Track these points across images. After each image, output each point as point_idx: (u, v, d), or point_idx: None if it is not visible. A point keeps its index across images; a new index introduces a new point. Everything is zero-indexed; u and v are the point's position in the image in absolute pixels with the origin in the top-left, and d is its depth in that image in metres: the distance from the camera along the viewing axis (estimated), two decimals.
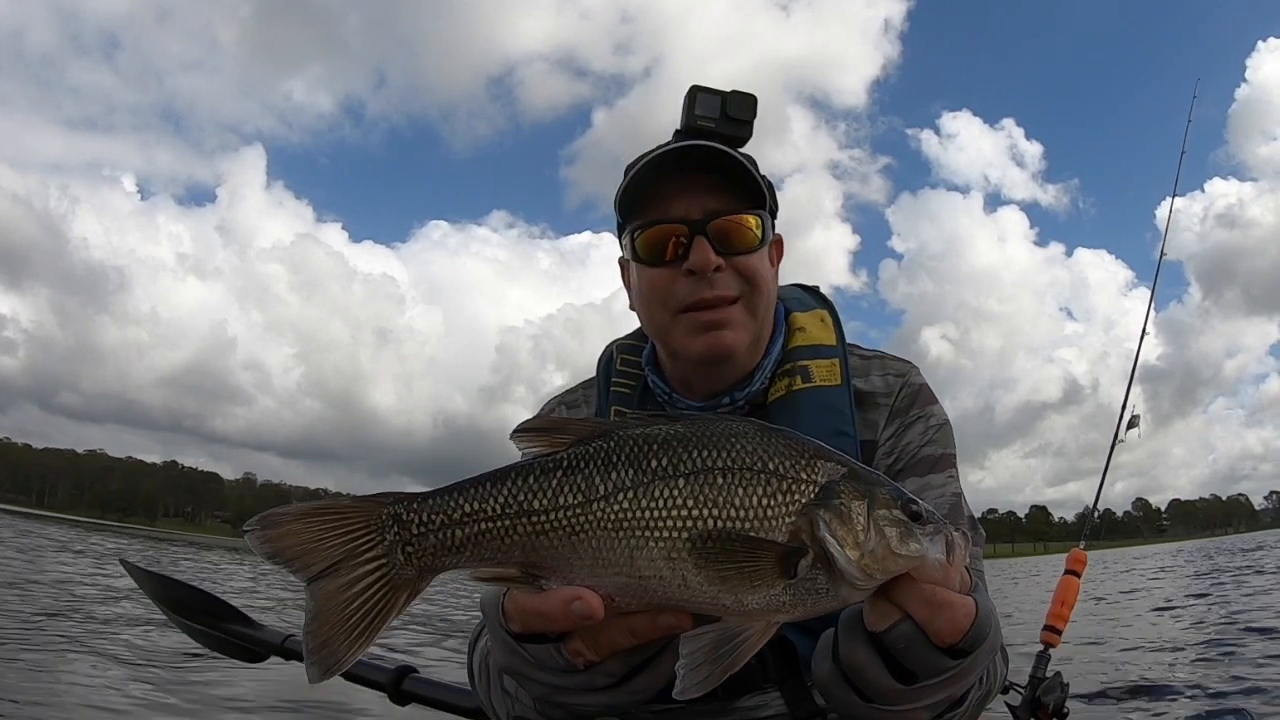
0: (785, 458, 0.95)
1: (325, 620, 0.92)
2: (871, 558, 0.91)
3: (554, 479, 0.93)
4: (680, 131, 1.55)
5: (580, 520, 0.92)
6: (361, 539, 0.93)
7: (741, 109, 1.54)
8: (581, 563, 0.92)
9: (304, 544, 0.92)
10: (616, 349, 1.72)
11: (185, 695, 6.30)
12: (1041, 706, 2.55)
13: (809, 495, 0.93)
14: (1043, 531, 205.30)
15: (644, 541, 0.91)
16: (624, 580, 0.91)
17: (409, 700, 2.12)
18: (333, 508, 0.94)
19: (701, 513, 0.91)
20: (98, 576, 16.32)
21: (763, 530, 0.91)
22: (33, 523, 60.46)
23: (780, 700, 1.45)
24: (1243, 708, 5.69)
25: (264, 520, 0.93)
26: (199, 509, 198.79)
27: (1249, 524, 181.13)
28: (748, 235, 1.47)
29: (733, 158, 1.44)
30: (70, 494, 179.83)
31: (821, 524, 0.91)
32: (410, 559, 0.93)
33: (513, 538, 0.93)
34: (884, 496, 0.95)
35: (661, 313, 1.50)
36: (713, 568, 0.90)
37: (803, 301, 1.70)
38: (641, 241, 1.49)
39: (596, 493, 0.92)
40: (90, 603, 11.42)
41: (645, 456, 0.94)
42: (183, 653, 7.30)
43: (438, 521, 0.93)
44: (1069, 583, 2.90)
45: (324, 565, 0.92)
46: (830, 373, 1.55)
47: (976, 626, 0.99)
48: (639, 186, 1.47)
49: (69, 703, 5.61)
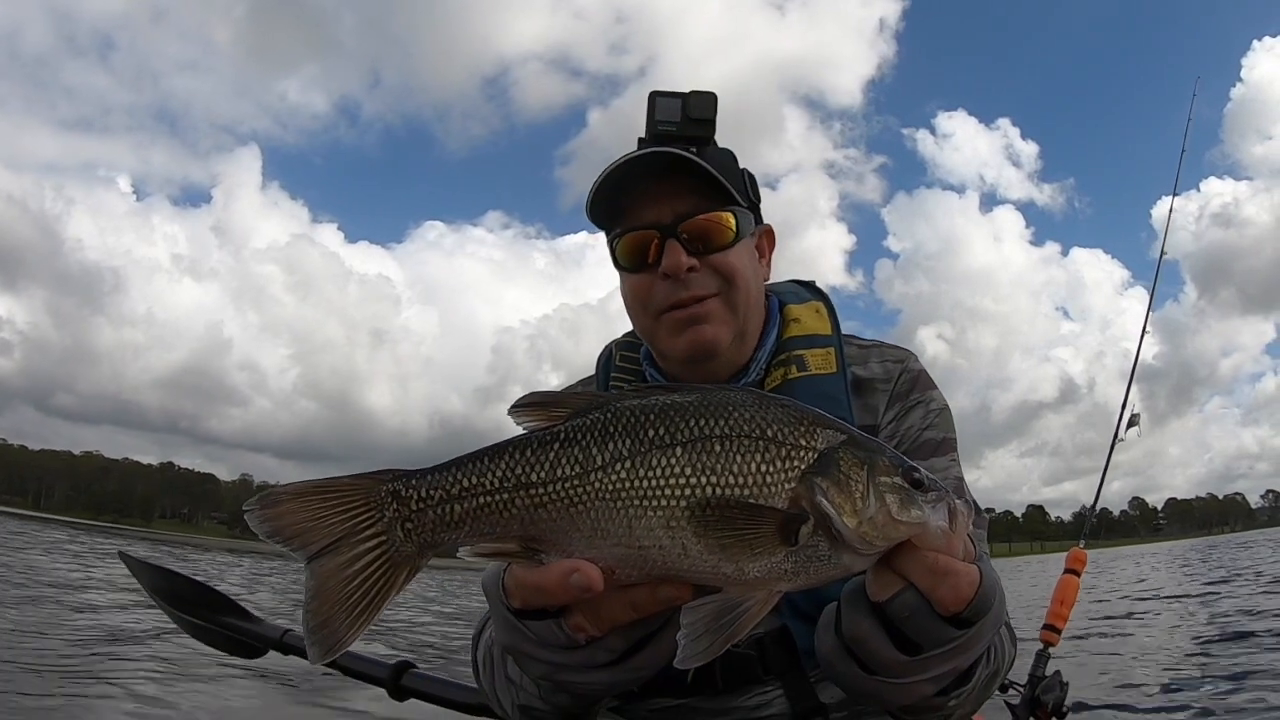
0: (784, 425, 0.94)
1: (325, 599, 0.91)
2: (871, 525, 0.90)
3: (551, 451, 0.93)
4: (644, 139, 1.56)
5: (578, 491, 0.91)
6: (361, 516, 0.93)
7: (701, 109, 1.54)
8: (581, 534, 0.91)
9: (303, 522, 0.92)
10: (615, 347, 1.74)
11: (183, 692, 6.30)
12: (1040, 705, 2.56)
13: (808, 462, 0.92)
14: (1040, 531, 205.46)
15: (643, 511, 0.90)
16: (624, 551, 0.91)
17: (408, 695, 2.12)
18: (332, 485, 0.93)
19: (700, 480, 0.90)
20: (95, 575, 16.30)
21: (762, 497, 0.90)
22: (28, 524, 60.29)
23: (782, 699, 1.45)
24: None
25: (263, 499, 0.93)
26: (196, 510, 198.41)
27: (1245, 523, 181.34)
28: (721, 232, 1.49)
29: (693, 161, 1.45)
30: (67, 495, 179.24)
31: (819, 491, 0.90)
32: (410, 535, 0.93)
33: (511, 511, 0.92)
34: (885, 463, 0.93)
35: (644, 316, 1.54)
36: (712, 536, 0.89)
37: (798, 294, 1.71)
38: (620, 249, 1.53)
39: (594, 463, 0.91)
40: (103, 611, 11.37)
41: (642, 426, 0.93)
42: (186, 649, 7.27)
43: (436, 497, 0.93)
44: (1069, 582, 2.91)
45: (324, 543, 0.92)
46: (825, 361, 1.57)
47: (981, 595, 0.97)
48: (605, 198, 1.50)
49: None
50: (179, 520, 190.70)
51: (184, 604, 2.40)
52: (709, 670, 1.43)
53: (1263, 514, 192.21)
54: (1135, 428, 3.44)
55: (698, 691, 1.46)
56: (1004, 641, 1.26)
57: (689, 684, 1.44)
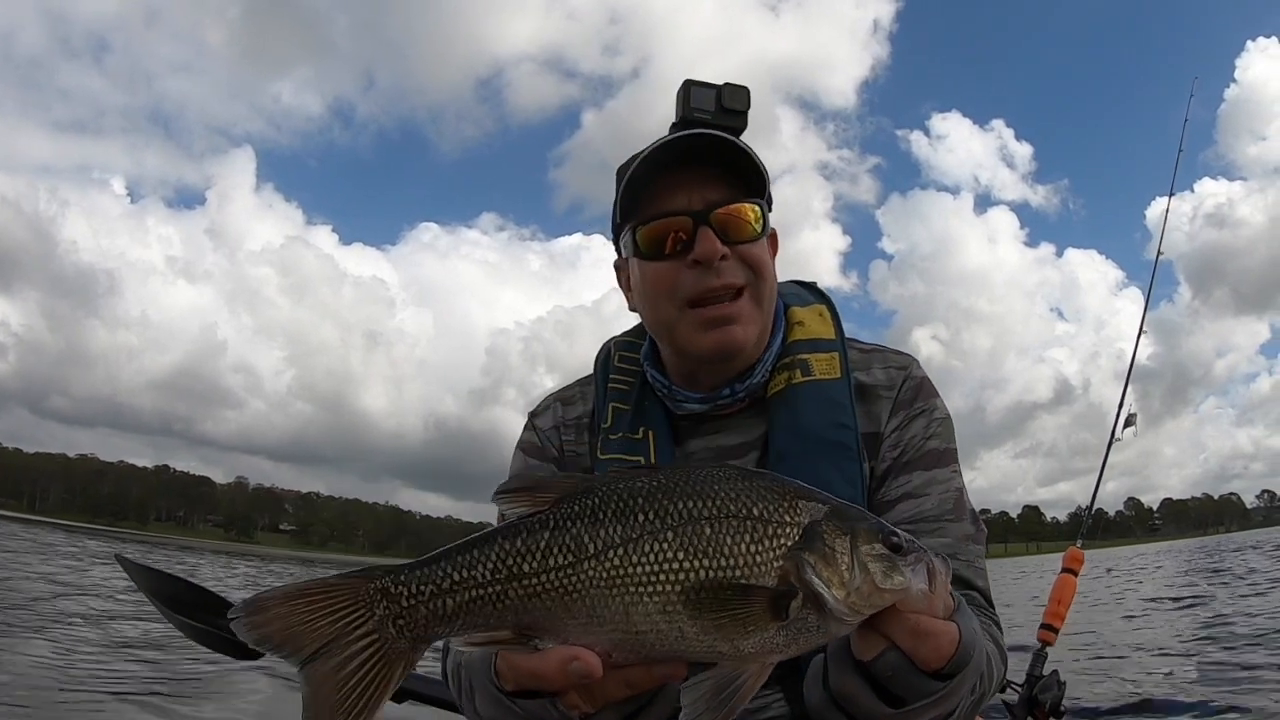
0: (768, 502, 0.95)
1: (323, 704, 0.89)
2: (858, 595, 0.93)
3: (542, 540, 0.92)
4: (676, 125, 1.54)
5: (572, 580, 0.91)
6: (350, 616, 0.91)
7: (736, 100, 1.54)
8: (576, 622, 0.91)
9: (292, 627, 0.90)
10: (614, 346, 1.72)
11: (181, 692, 6.30)
12: (1038, 705, 2.56)
13: (794, 538, 0.94)
14: (1035, 531, 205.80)
15: (639, 597, 0.90)
16: (620, 636, 0.91)
17: (406, 697, 2.12)
18: (318, 587, 0.91)
19: (693, 564, 0.91)
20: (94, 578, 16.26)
21: (753, 576, 0.92)
22: (20, 526, 60.12)
23: (781, 701, 1.45)
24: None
25: (249, 606, 0.90)
26: (191, 513, 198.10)
27: (1241, 523, 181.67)
28: (748, 225, 1.47)
29: (737, 146, 1.45)
30: (62, 498, 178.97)
31: (807, 567, 0.92)
32: (402, 632, 0.92)
33: (505, 602, 0.91)
34: (865, 532, 0.95)
35: (668, 307, 1.48)
36: (708, 617, 0.90)
37: (801, 297, 1.70)
38: (643, 236, 1.48)
39: (586, 551, 0.92)
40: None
41: (631, 511, 0.93)
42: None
43: (427, 592, 0.92)
44: (1066, 581, 2.91)
45: (315, 647, 0.90)
46: (830, 366, 1.55)
47: (960, 651, 1.01)
48: (642, 182, 1.46)
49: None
50: (174, 523, 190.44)
51: (182, 607, 2.38)
52: None
53: (1258, 514, 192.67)
54: (1132, 428, 3.44)
55: None
56: (993, 664, 1.27)
57: None
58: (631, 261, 1.54)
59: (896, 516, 1.46)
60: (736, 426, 1.56)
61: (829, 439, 1.48)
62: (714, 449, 1.56)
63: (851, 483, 1.45)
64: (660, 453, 1.54)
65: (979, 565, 1.50)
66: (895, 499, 1.49)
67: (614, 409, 1.60)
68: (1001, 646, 1.39)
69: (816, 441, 1.48)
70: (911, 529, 1.41)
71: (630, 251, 1.52)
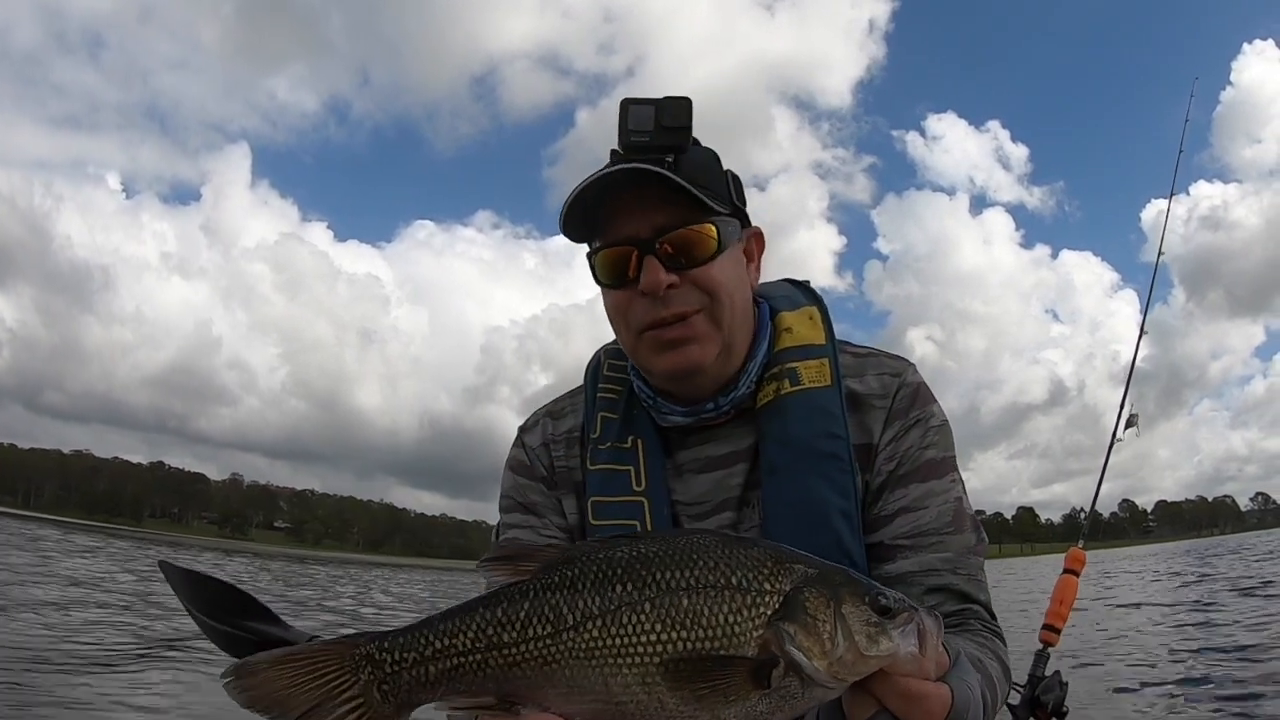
0: (748, 570, 0.95)
1: None
2: (840, 665, 0.92)
3: (522, 610, 0.95)
4: (616, 150, 1.47)
5: (551, 650, 0.93)
6: (336, 681, 0.94)
7: (675, 116, 1.44)
8: (557, 691, 0.93)
9: (281, 690, 0.93)
10: (605, 355, 1.68)
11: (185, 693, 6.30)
12: (1040, 705, 2.55)
13: (773, 607, 0.94)
14: (1030, 533, 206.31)
15: (617, 668, 0.92)
16: (600, 706, 0.92)
17: None
18: (306, 653, 0.95)
19: (670, 636, 0.92)
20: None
21: (732, 647, 0.92)
22: (17, 522, 60.07)
23: None
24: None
25: (239, 669, 0.94)
26: (186, 510, 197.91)
27: (1235, 525, 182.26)
28: (703, 244, 1.42)
29: (664, 176, 1.38)
30: (57, 495, 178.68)
31: (786, 638, 0.92)
32: (387, 697, 0.95)
33: (486, 670, 0.94)
34: (850, 597, 0.95)
35: (625, 333, 1.48)
36: (687, 688, 0.91)
37: (791, 299, 1.64)
38: (599, 265, 1.46)
39: (565, 622, 0.93)
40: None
41: (610, 581, 0.95)
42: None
43: (410, 659, 0.95)
44: (1068, 582, 2.89)
45: (301, 710, 0.93)
46: (820, 373, 1.50)
47: (953, 714, 1.00)
48: (580, 213, 1.43)
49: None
50: (169, 520, 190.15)
51: (218, 611, 2.39)
52: None
53: (1252, 516, 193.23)
54: (1133, 428, 3.43)
55: None
56: (995, 686, 1.26)
57: None
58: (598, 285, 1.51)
59: (894, 531, 1.42)
60: (725, 436, 1.51)
61: (820, 450, 1.44)
62: (702, 459, 1.51)
63: (844, 495, 1.41)
64: (649, 462, 1.51)
65: (980, 578, 1.46)
66: (892, 513, 1.44)
67: (603, 418, 1.57)
68: (1004, 662, 1.37)
69: (807, 452, 1.44)
70: (910, 543, 1.41)
71: (593, 277, 1.50)
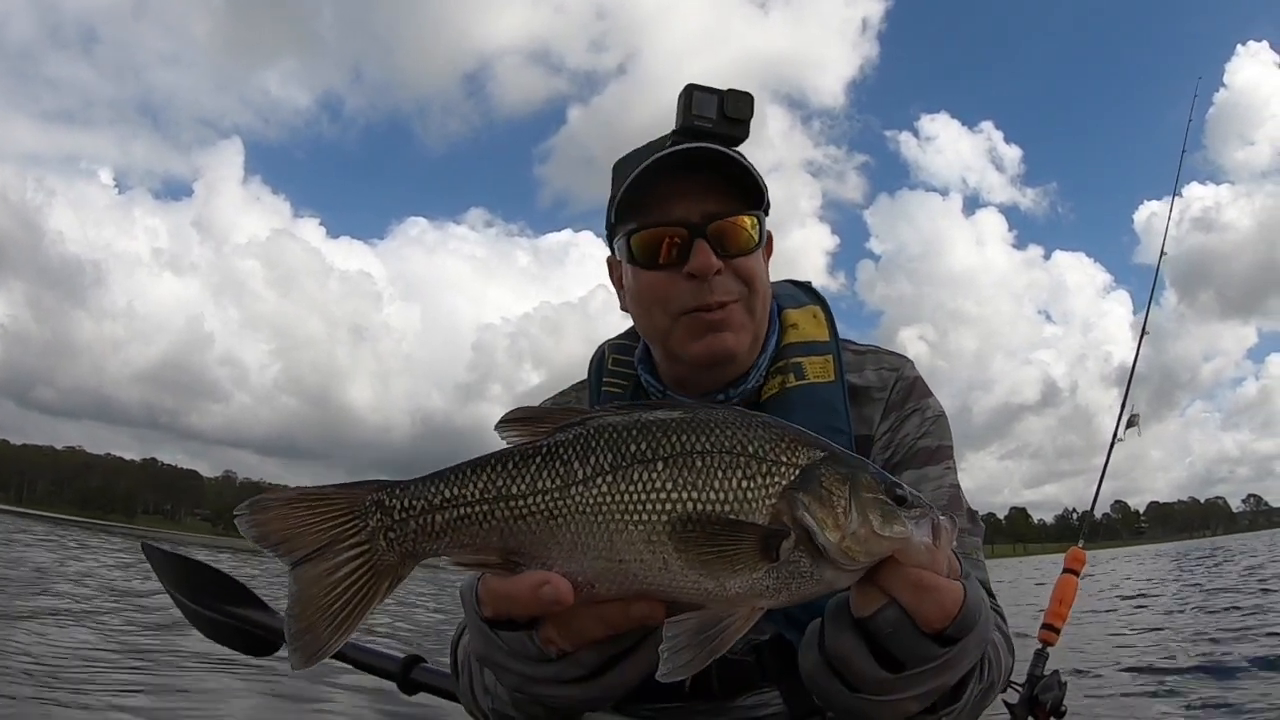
0: (765, 442, 0.94)
1: (308, 605, 0.92)
2: (854, 539, 0.90)
3: (533, 464, 0.93)
4: (676, 131, 1.51)
5: (558, 504, 0.91)
6: (345, 524, 0.94)
7: (739, 108, 1.50)
8: (560, 547, 0.91)
9: (290, 529, 0.93)
10: (609, 349, 1.70)
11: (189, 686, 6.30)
12: (1039, 705, 2.55)
13: (789, 478, 0.92)
14: (1023, 533, 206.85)
15: (623, 525, 0.90)
16: (604, 565, 0.90)
17: (418, 689, 2.12)
18: (319, 494, 0.95)
19: (680, 495, 0.90)
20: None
21: (743, 513, 0.90)
22: (9, 518, 59.91)
23: (779, 700, 1.44)
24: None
25: (253, 505, 0.94)
26: (178, 506, 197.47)
27: (1227, 527, 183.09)
28: (745, 237, 1.45)
29: (734, 159, 1.43)
30: (49, 491, 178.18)
31: (801, 505, 0.90)
32: (392, 545, 0.94)
33: (491, 522, 0.92)
34: (867, 480, 0.93)
35: (662, 316, 1.48)
36: (693, 551, 0.89)
37: (795, 298, 1.68)
38: (638, 243, 1.46)
39: (575, 477, 0.92)
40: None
41: (624, 441, 0.93)
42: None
43: (418, 507, 0.93)
44: (1068, 581, 2.90)
45: (309, 550, 0.93)
46: (824, 369, 1.54)
47: (964, 612, 0.96)
48: (639, 189, 1.44)
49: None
50: (161, 516, 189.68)
51: (203, 596, 2.38)
52: (706, 677, 1.43)
53: (1244, 518, 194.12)
54: (1134, 427, 3.43)
55: (695, 696, 1.45)
56: (999, 652, 1.24)
57: (687, 691, 1.44)
58: (625, 266, 1.53)
59: None
60: None
61: None
62: None
63: None
64: None
65: (977, 559, 1.49)
66: None
67: None
68: (1008, 637, 1.37)
69: None
70: None
71: (624, 256, 1.51)
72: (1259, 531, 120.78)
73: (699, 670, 0.89)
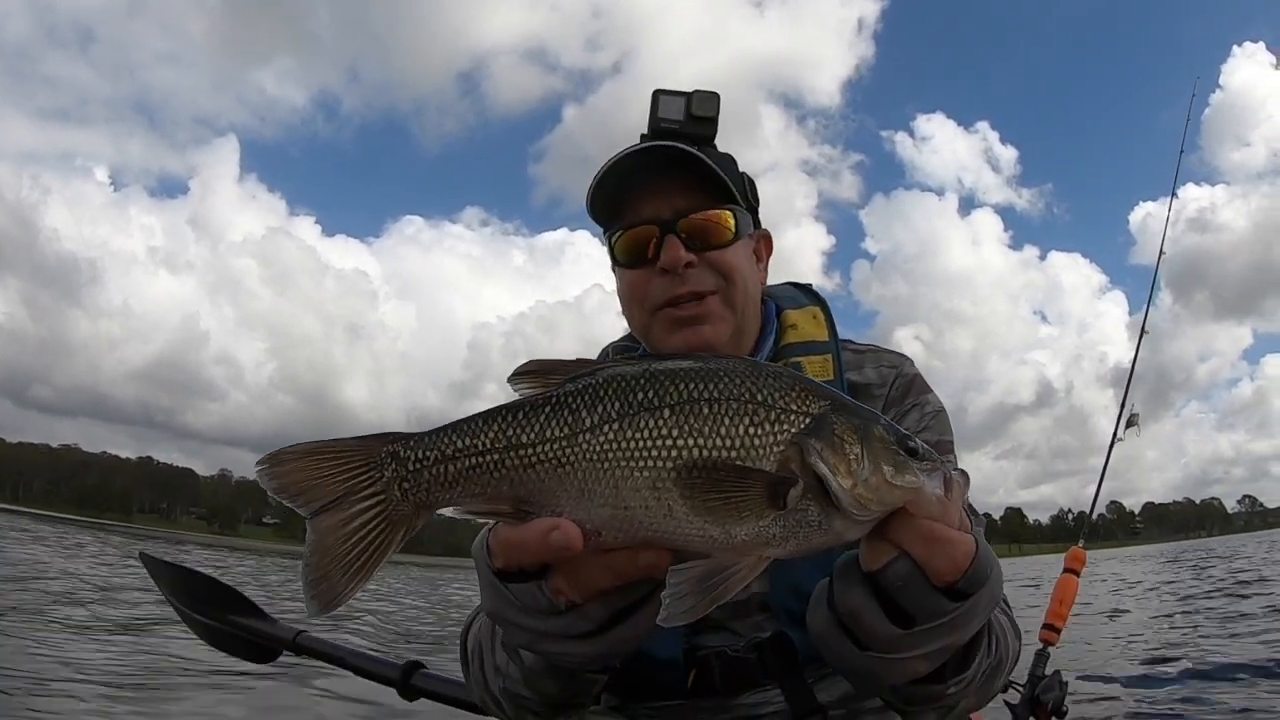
0: (775, 390, 0.93)
1: (325, 554, 0.94)
2: (866, 487, 0.89)
3: (542, 414, 0.94)
4: (646, 135, 1.56)
5: (566, 452, 0.92)
6: (361, 475, 0.95)
7: (705, 107, 1.56)
8: (568, 495, 0.92)
9: (307, 480, 0.95)
10: (613, 349, 1.75)
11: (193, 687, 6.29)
12: (1040, 705, 2.56)
13: (799, 425, 0.91)
14: (1018, 533, 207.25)
15: (629, 472, 0.90)
16: (610, 512, 0.91)
17: (418, 695, 2.13)
18: (335, 446, 0.96)
19: (687, 442, 0.90)
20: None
21: (750, 460, 0.90)
22: (6, 517, 59.83)
23: (780, 698, 1.44)
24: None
25: (272, 458, 0.96)
26: (174, 505, 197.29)
27: (1222, 527, 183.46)
28: (720, 230, 1.50)
29: (695, 157, 1.46)
30: (45, 489, 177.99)
31: (813, 451, 0.89)
32: (407, 495, 0.95)
33: (502, 471, 0.93)
34: (879, 430, 0.93)
35: (640, 312, 1.54)
36: (699, 498, 0.89)
37: (795, 299, 1.72)
38: (619, 245, 1.53)
39: (583, 425, 0.92)
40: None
41: (632, 390, 0.94)
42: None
43: (432, 457, 0.95)
44: (1068, 581, 2.91)
45: (325, 500, 0.95)
46: (823, 368, 1.56)
47: (976, 566, 0.94)
48: (607, 193, 1.51)
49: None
50: (158, 515, 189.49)
51: (201, 605, 2.39)
52: (708, 674, 1.45)
53: (1239, 519, 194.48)
54: (1135, 427, 3.43)
55: (697, 694, 1.46)
56: (1006, 634, 1.23)
57: (689, 687, 1.44)
58: (614, 268, 1.58)
59: None
60: None
61: None
62: None
63: None
64: None
65: (978, 532, 1.48)
66: None
67: None
68: (1015, 623, 1.35)
69: None
70: None
71: (610, 258, 1.57)
72: (1255, 533, 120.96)
73: (700, 617, 0.89)
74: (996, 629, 1.15)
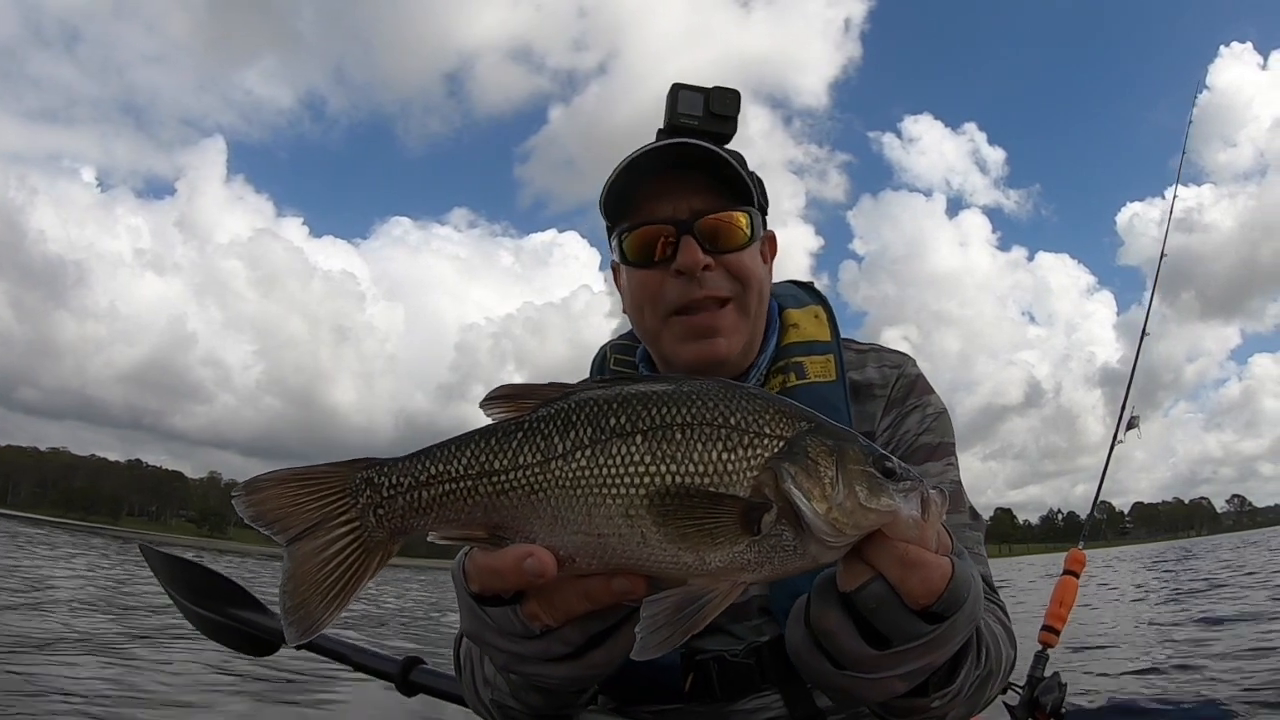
0: (749, 413, 0.93)
1: (301, 581, 0.94)
2: (840, 511, 0.88)
3: (515, 439, 0.94)
4: (663, 130, 1.53)
5: (539, 479, 0.92)
6: (336, 502, 0.95)
7: (725, 105, 1.53)
8: (542, 522, 0.91)
9: (283, 507, 0.95)
10: (610, 349, 1.72)
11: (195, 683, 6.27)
12: (1039, 706, 2.56)
13: (773, 449, 0.91)
14: (1008, 534, 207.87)
15: (602, 499, 0.90)
16: (583, 539, 0.90)
17: (417, 691, 2.12)
18: (310, 473, 0.96)
19: (659, 469, 0.89)
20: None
21: (723, 485, 0.89)
22: None
23: (780, 702, 1.43)
24: (1216, 699, 5.80)
25: (248, 485, 0.96)
26: (163, 508, 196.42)
27: (1211, 527, 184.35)
28: (736, 233, 1.47)
29: (718, 155, 1.43)
30: (33, 492, 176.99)
31: (786, 476, 0.89)
32: (381, 521, 0.95)
33: (475, 498, 0.93)
34: (854, 452, 0.92)
35: (652, 316, 1.50)
36: (672, 525, 0.88)
37: (797, 298, 1.70)
38: (629, 243, 1.49)
39: (555, 451, 0.92)
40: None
41: (604, 415, 0.93)
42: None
43: (406, 484, 0.95)
44: (1067, 583, 2.91)
45: (301, 528, 0.95)
46: (825, 369, 1.55)
47: (952, 589, 0.94)
48: (623, 189, 1.46)
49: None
50: (146, 518, 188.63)
51: (200, 597, 2.37)
52: (707, 679, 1.44)
53: (1228, 518, 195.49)
54: (1135, 429, 3.44)
55: (695, 698, 1.45)
56: (999, 642, 1.23)
57: (687, 691, 1.43)
58: (621, 266, 1.54)
59: None
60: None
61: None
62: None
63: None
64: None
65: (979, 552, 1.49)
66: None
67: None
68: (1009, 630, 1.36)
69: None
70: None
71: (618, 257, 1.53)
72: (1244, 531, 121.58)
73: (673, 649, 0.89)
74: (988, 638, 1.14)
